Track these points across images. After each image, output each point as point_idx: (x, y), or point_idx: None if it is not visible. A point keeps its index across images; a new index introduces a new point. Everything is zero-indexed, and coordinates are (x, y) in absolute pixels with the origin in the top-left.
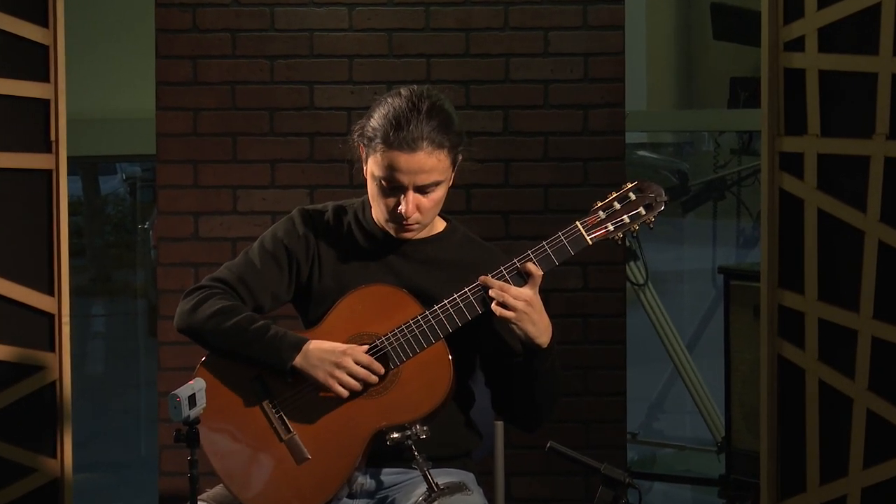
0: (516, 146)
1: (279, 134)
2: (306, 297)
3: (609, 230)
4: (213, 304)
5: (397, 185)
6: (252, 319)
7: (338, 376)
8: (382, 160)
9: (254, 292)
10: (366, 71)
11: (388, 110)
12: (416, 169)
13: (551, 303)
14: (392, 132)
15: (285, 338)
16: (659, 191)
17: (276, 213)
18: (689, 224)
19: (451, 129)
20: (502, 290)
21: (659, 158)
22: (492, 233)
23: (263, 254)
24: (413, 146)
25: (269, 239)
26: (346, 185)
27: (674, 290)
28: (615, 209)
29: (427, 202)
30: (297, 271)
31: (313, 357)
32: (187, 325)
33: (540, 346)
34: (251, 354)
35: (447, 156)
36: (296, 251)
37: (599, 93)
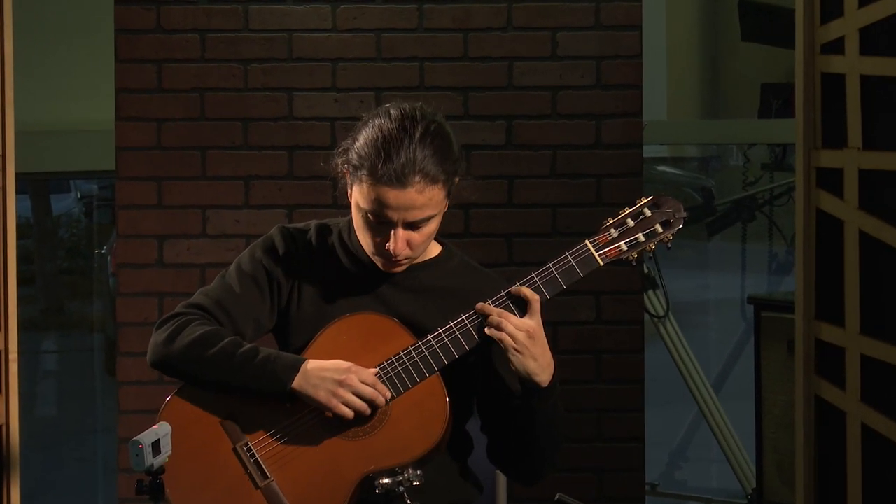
0: (521, 161)
1: (254, 147)
2: (284, 326)
3: (622, 249)
4: (192, 331)
5: (385, 220)
6: (238, 343)
7: (342, 396)
8: (369, 192)
9: (234, 319)
10: (351, 76)
11: (375, 135)
12: (407, 205)
13: (560, 337)
14: (380, 163)
15: (280, 359)
16: (677, 206)
17: (250, 236)
18: (714, 248)
19: (447, 158)
20: (501, 316)
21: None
22: (493, 258)
23: (242, 277)
24: (403, 181)
25: (248, 260)
26: (328, 204)
27: (698, 323)
28: (629, 226)
29: (418, 237)
30: (278, 295)
31: (313, 376)
32: (163, 358)
33: (539, 384)
34: (243, 382)
35: (442, 189)
36: (276, 273)
37: (614, 101)
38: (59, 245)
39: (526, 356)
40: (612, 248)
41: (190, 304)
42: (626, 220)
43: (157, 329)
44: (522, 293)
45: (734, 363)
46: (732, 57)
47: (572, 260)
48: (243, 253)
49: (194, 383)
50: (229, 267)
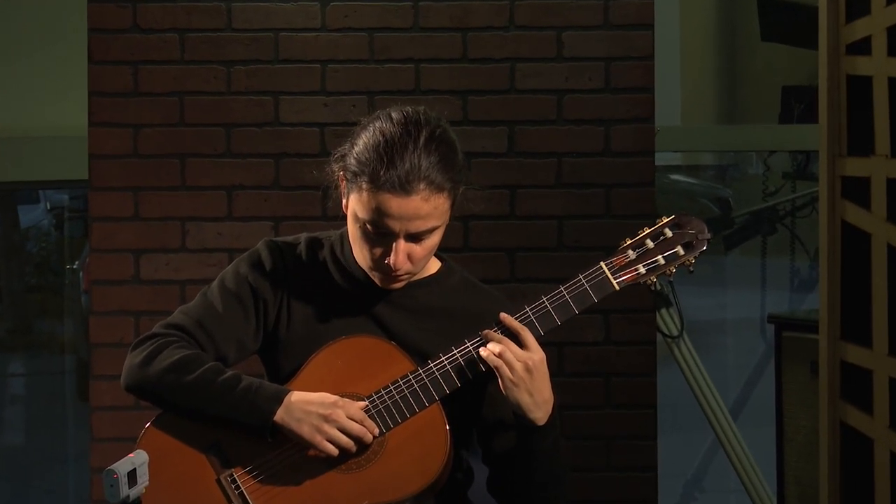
0: (524, 170)
1: (237, 155)
2: (272, 348)
3: (640, 273)
4: (170, 354)
5: (386, 231)
6: (219, 370)
7: (327, 432)
8: (369, 201)
9: (216, 340)
10: (342, 79)
11: (376, 140)
12: (410, 215)
13: (566, 358)
14: (382, 169)
15: (262, 389)
16: (701, 227)
17: (233, 251)
18: (732, 263)
19: (452, 165)
20: (505, 343)
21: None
22: (494, 274)
23: (225, 294)
24: (407, 189)
25: (231, 277)
26: (317, 216)
27: (715, 344)
28: (647, 248)
29: (420, 250)
30: (264, 315)
31: (297, 409)
32: (139, 382)
33: (533, 421)
34: (221, 412)
35: (447, 198)
36: (262, 291)
37: (624, 105)
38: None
39: (521, 389)
40: (630, 272)
41: (169, 324)
42: (645, 241)
43: (132, 350)
44: (510, 326)
45: (753, 387)
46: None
47: (586, 283)
48: (227, 268)
49: (171, 410)
50: (212, 283)
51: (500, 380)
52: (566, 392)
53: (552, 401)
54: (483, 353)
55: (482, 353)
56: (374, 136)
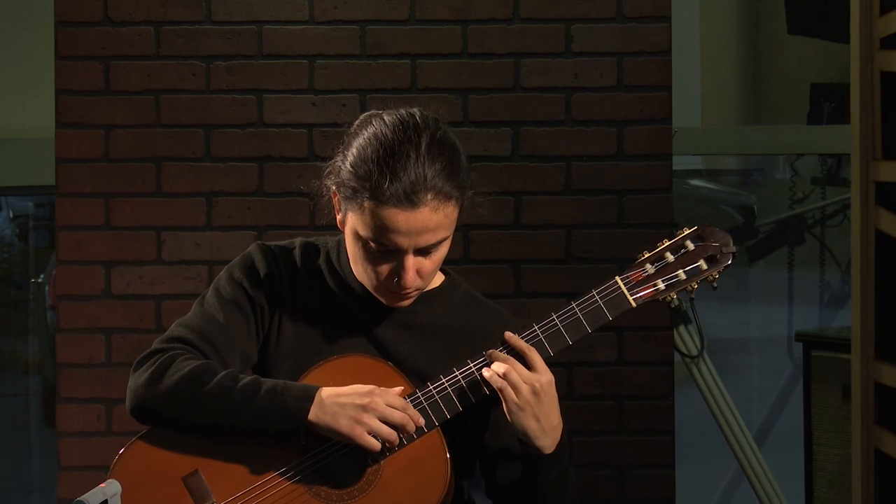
0: (529, 175)
1: (218, 159)
2: (259, 363)
3: (658, 289)
4: (180, 367)
5: (393, 248)
6: (235, 377)
7: (367, 423)
8: (372, 219)
9: (222, 352)
10: (331, 76)
11: (374, 149)
12: (419, 228)
13: (576, 380)
14: (386, 183)
15: (288, 389)
16: (726, 239)
17: (213, 263)
18: (757, 276)
19: (458, 170)
20: (511, 364)
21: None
22: (497, 288)
23: (224, 303)
24: (414, 201)
25: (226, 283)
26: (305, 225)
27: (738, 364)
28: (667, 262)
29: (430, 264)
30: (261, 323)
31: (331, 404)
32: (149, 402)
33: (539, 449)
34: (247, 421)
35: (455, 206)
36: (258, 297)
37: (639, 104)
38: None
39: (527, 414)
40: (648, 288)
41: (170, 338)
42: (665, 253)
43: (135, 371)
44: (513, 343)
45: (780, 411)
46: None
47: (600, 300)
48: (219, 276)
49: (186, 430)
50: (206, 293)
51: (505, 403)
52: (576, 417)
53: (561, 427)
54: (486, 374)
55: (485, 374)
56: (371, 145)
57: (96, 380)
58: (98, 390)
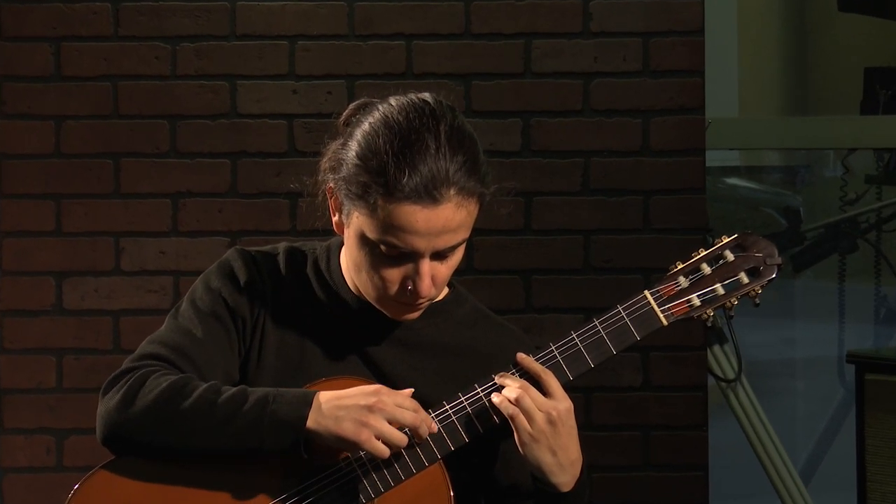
0: (542, 172)
1: (185, 154)
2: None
3: (693, 305)
4: (155, 384)
5: (408, 251)
6: (219, 389)
7: (374, 425)
8: (386, 217)
9: (202, 370)
10: (315, 60)
11: (387, 138)
12: (439, 229)
13: (596, 408)
14: (405, 177)
15: (281, 395)
16: (770, 249)
17: (180, 274)
18: (803, 288)
19: (478, 163)
20: (524, 389)
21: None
22: (505, 302)
23: (201, 315)
24: (437, 197)
25: (203, 293)
26: (284, 230)
27: (781, 389)
28: (703, 274)
29: (445, 270)
30: (242, 337)
31: (332, 408)
32: (122, 427)
33: (556, 486)
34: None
35: (477, 203)
36: (239, 309)
37: (667, 92)
38: None
39: (542, 446)
40: (681, 304)
41: (142, 356)
42: (700, 265)
43: (104, 395)
44: (526, 366)
45: (830, 442)
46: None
47: (626, 317)
48: (195, 285)
49: (166, 455)
50: (180, 305)
51: (517, 434)
52: (596, 449)
53: (580, 462)
54: (496, 400)
55: (495, 400)
56: (382, 134)
57: (45, 407)
58: (47, 419)
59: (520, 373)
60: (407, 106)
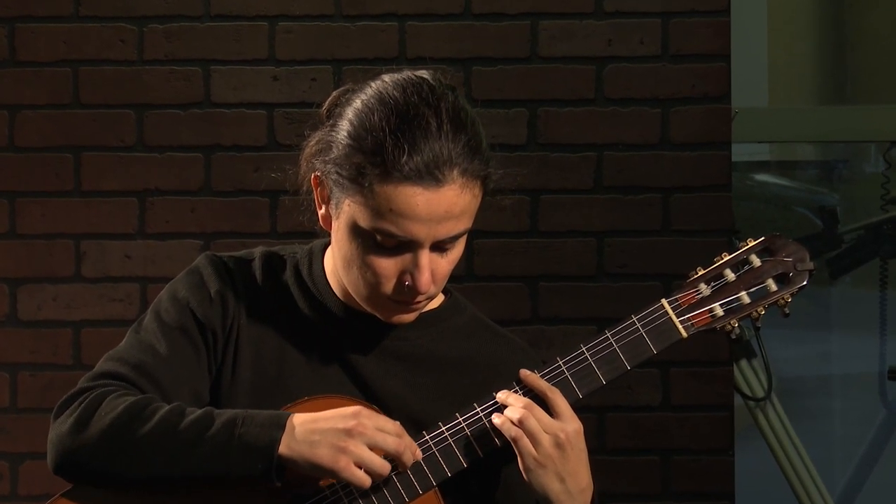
0: (549, 168)
1: (153, 148)
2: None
3: (716, 315)
4: (112, 406)
5: (407, 240)
6: (183, 411)
7: (353, 451)
8: (382, 201)
9: (166, 391)
10: (298, 43)
11: (383, 115)
12: (441, 214)
13: (610, 430)
14: (404, 156)
15: (251, 418)
16: (801, 253)
17: (147, 281)
18: (840, 297)
19: (481, 145)
20: (529, 409)
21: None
22: (509, 312)
23: (166, 330)
24: (439, 177)
25: (169, 304)
26: (264, 232)
27: (816, 409)
28: (727, 281)
29: (446, 265)
30: (213, 353)
31: (306, 431)
32: (75, 453)
33: None
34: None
35: (481, 190)
36: (210, 321)
37: (689, 78)
38: None
39: (548, 472)
40: (702, 314)
41: (99, 375)
42: (724, 271)
43: (56, 418)
44: (531, 383)
45: (870, 468)
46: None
47: (642, 329)
48: (160, 296)
49: (126, 484)
50: (143, 318)
51: (521, 459)
52: (610, 476)
53: (591, 490)
54: (498, 421)
55: (496, 421)
56: (377, 110)
57: None
58: (0, 443)
59: (524, 390)
60: (404, 82)
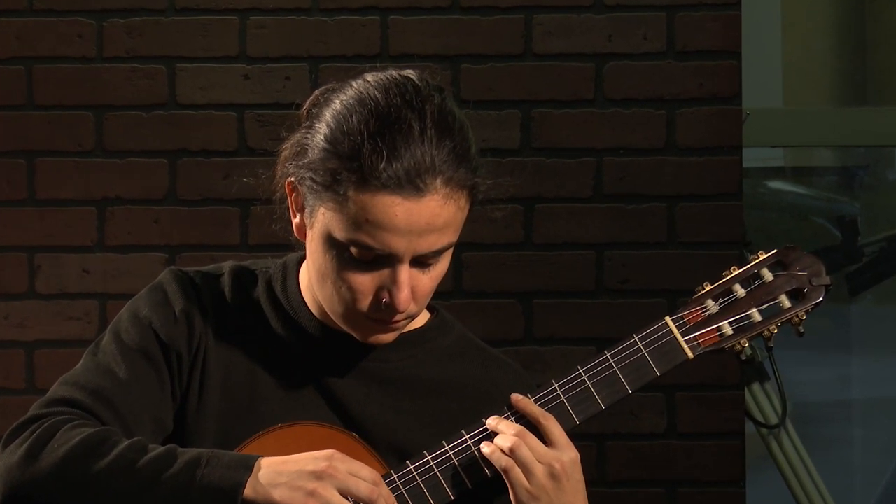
0: (545, 175)
1: (113, 153)
2: (176, 431)
3: (724, 334)
4: (66, 437)
5: (385, 254)
6: (143, 447)
7: (322, 495)
8: (357, 211)
9: (125, 419)
10: (271, 39)
11: (362, 117)
12: (423, 227)
13: (611, 459)
14: (382, 161)
15: (216, 458)
16: (816, 267)
17: (107, 297)
18: (861, 315)
19: (469, 152)
20: (521, 436)
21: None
22: (500, 332)
23: (127, 352)
24: (420, 186)
25: (130, 325)
26: (234, 245)
27: (835, 437)
28: (736, 297)
29: (428, 282)
30: (178, 377)
31: (273, 474)
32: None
33: None
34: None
35: (468, 201)
36: (175, 342)
37: (696, 76)
38: None
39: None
40: (709, 332)
41: (53, 401)
42: (733, 286)
43: (4, 446)
44: (524, 409)
45: (892, 501)
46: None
47: (644, 349)
48: (120, 315)
49: None
50: (102, 338)
51: (512, 491)
52: None
53: None
54: (487, 450)
55: (485, 450)
56: (356, 112)
57: None
58: None
59: (516, 416)
60: (386, 82)
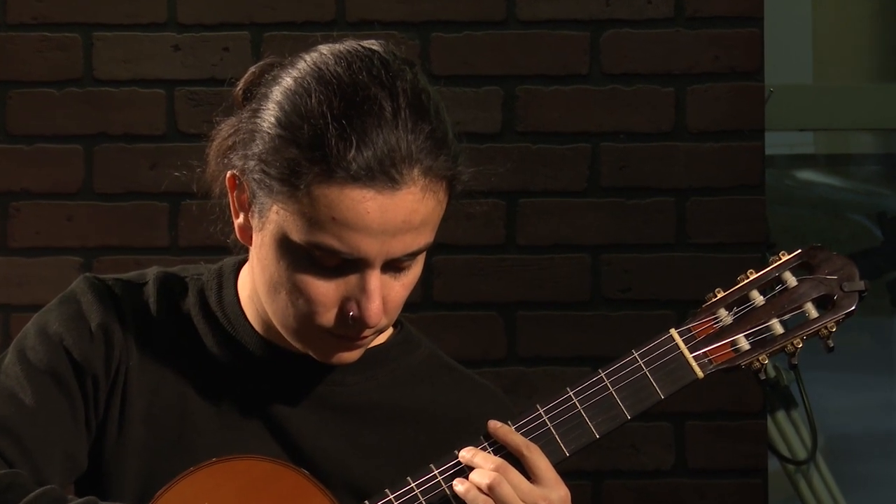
0: (531, 164)
1: (19, 138)
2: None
3: (740, 349)
4: None
5: (353, 258)
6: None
7: None
8: (320, 209)
9: (31, 454)
10: (206, 3)
11: (323, 97)
12: (399, 224)
13: (608, 499)
14: (352, 148)
15: None
16: (848, 269)
17: (11, 309)
18: None
19: (447, 137)
20: (501, 471)
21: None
22: (479, 350)
23: (33, 374)
24: (395, 177)
25: (36, 341)
26: (162, 247)
27: (874, 474)
28: (754, 305)
29: (400, 290)
30: (94, 403)
31: None
32: None
33: None
34: None
35: (446, 194)
36: (89, 362)
37: (711, 48)
38: None
39: None
40: (722, 347)
41: None
42: (750, 293)
43: None
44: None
45: None
46: None
47: (645, 366)
48: (25, 329)
49: None
50: (3, 357)
51: None
52: None
53: None
54: (461, 488)
55: (459, 488)
56: (315, 92)
57: None
58: None
59: (494, 448)
60: (348, 55)
